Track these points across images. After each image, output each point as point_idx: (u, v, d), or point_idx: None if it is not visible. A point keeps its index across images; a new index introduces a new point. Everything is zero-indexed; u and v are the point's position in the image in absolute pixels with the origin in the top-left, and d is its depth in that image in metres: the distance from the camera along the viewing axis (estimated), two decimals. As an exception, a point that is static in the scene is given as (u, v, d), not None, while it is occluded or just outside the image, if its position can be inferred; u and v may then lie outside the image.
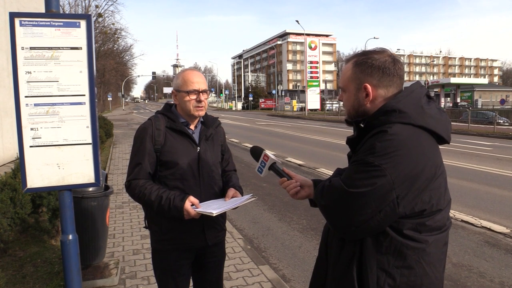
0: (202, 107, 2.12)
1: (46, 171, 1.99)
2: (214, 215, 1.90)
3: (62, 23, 1.96)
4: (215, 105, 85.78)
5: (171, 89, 2.23)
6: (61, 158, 2.01)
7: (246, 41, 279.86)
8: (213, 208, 1.95)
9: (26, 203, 4.10)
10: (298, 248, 4.77)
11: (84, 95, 2.02)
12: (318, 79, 63.55)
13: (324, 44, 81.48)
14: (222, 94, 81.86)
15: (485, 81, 59.65)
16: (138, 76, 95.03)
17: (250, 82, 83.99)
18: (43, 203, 4.37)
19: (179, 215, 1.95)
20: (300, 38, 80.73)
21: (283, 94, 67.90)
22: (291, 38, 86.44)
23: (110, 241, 4.49)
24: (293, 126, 26.21)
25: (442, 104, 39.35)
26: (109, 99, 57.30)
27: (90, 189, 3.41)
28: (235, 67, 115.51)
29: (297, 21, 44.62)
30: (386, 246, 1.27)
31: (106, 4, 67.73)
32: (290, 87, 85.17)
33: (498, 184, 8.17)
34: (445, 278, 1.44)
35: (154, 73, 76.07)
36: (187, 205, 1.94)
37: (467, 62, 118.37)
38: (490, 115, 26.99)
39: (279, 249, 4.74)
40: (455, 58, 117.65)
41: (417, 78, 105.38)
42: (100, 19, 35.77)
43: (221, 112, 54.51)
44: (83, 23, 1.99)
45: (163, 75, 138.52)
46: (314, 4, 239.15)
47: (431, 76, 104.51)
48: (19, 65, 1.91)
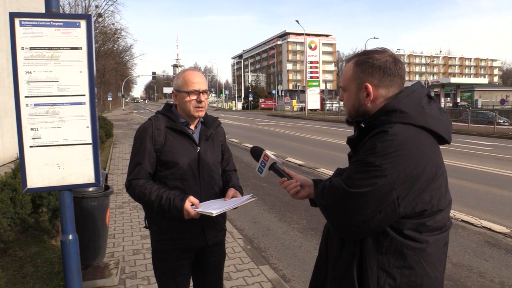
0: (202, 108, 2.13)
1: (46, 171, 1.99)
2: (214, 215, 1.90)
3: (62, 23, 1.96)
4: (215, 105, 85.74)
5: (171, 89, 2.23)
6: (61, 158, 2.01)
7: (246, 41, 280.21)
8: (213, 208, 1.95)
9: (26, 203, 4.11)
10: (298, 248, 4.77)
11: (84, 95, 2.02)
12: (318, 79, 63.52)
13: (324, 44, 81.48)
14: (222, 94, 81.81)
15: (485, 81, 59.58)
16: (138, 76, 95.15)
17: (250, 82, 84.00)
18: (43, 203, 4.37)
19: (179, 215, 1.95)
20: (300, 38, 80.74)
21: (283, 94, 67.91)
22: (291, 38, 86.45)
23: (110, 241, 4.49)
24: (293, 126, 26.21)
25: (442, 104, 39.31)
26: (109, 99, 57.30)
27: (90, 189, 3.41)
28: (235, 67, 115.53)
29: (297, 21, 44.64)
30: (387, 246, 1.27)
31: (106, 4, 67.83)
32: (290, 87, 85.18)
33: (498, 184, 8.17)
34: (445, 278, 1.44)
35: (154, 73, 76.03)
36: (187, 205, 1.94)
37: (467, 62, 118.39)
38: (490, 115, 26.98)
39: (279, 249, 4.74)
40: (455, 58, 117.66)
41: (417, 78, 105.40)
42: (100, 19, 35.80)
43: (221, 112, 54.52)
44: (83, 23, 1.99)
45: (163, 75, 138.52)
46: (314, 4, 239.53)
47: (431, 76, 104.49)
48: (19, 65, 1.91)
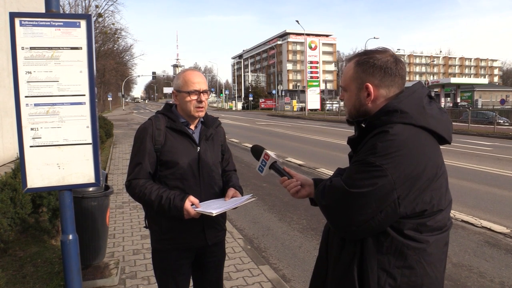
0: (202, 108, 2.13)
1: (46, 171, 1.99)
2: (214, 215, 1.90)
3: (62, 23, 1.96)
4: (215, 105, 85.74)
5: (171, 89, 2.23)
6: (61, 158, 2.01)
7: (246, 41, 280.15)
8: (213, 208, 1.95)
9: (26, 203, 4.11)
10: (298, 248, 4.77)
11: (84, 95, 2.02)
12: (318, 79, 63.49)
13: (324, 44, 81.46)
14: (222, 94, 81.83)
15: (485, 81, 59.58)
16: (138, 76, 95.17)
17: (250, 82, 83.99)
18: (43, 203, 4.37)
19: (179, 215, 1.95)
20: (300, 38, 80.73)
21: (283, 94, 67.89)
22: (291, 38, 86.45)
23: (110, 241, 4.49)
24: (293, 126, 26.21)
25: (442, 104, 39.31)
26: (109, 99, 57.30)
27: (90, 189, 3.41)
28: (235, 67, 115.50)
29: (297, 21, 44.61)
30: (387, 246, 1.27)
31: (106, 4, 67.89)
32: (290, 87, 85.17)
33: (498, 184, 8.17)
34: (445, 278, 1.44)
35: (154, 73, 76.00)
36: (187, 204, 1.94)
37: (467, 62, 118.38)
38: (490, 115, 26.97)
39: (279, 249, 4.74)
40: (455, 58, 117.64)
41: (417, 78, 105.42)
42: (100, 19, 35.80)
43: (221, 112, 54.51)
44: (83, 23, 1.99)
45: (163, 75, 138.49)
46: (314, 4, 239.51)
47: (431, 76, 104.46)
48: (19, 65, 1.90)
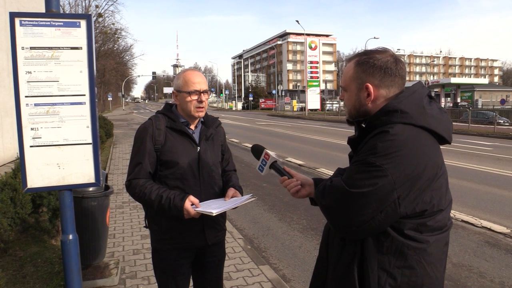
0: (202, 108, 2.13)
1: (46, 171, 1.99)
2: (214, 215, 1.90)
3: (62, 23, 1.96)
4: (215, 105, 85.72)
5: (171, 89, 2.23)
6: (61, 158, 2.01)
7: (246, 41, 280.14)
8: (213, 207, 1.95)
9: (26, 203, 4.11)
10: (298, 248, 4.77)
11: (84, 95, 2.02)
12: (318, 79, 63.46)
13: (324, 44, 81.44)
14: (222, 94, 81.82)
15: (485, 81, 59.58)
16: (138, 76, 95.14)
17: (250, 82, 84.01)
18: (43, 203, 4.37)
19: (179, 215, 1.95)
20: (300, 38, 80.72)
21: (283, 94, 67.90)
22: (291, 38, 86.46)
23: (110, 241, 4.49)
24: (293, 126, 26.21)
25: (443, 104, 39.31)
26: (109, 99, 57.29)
27: (90, 189, 3.41)
28: (235, 67, 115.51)
29: (297, 21, 44.61)
30: (387, 246, 1.27)
31: (106, 4, 68.01)
32: (290, 87, 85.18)
33: (498, 184, 8.17)
34: (445, 278, 1.44)
35: (154, 73, 75.95)
36: (187, 204, 1.94)
37: (467, 62, 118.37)
38: (490, 115, 26.97)
39: (279, 249, 4.74)
40: (455, 58, 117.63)
41: (417, 78, 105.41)
42: (100, 19, 35.81)
43: (221, 112, 54.51)
44: (83, 23, 1.99)
45: (163, 75, 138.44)
46: (314, 4, 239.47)
47: (431, 76, 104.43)
48: (19, 65, 1.90)
